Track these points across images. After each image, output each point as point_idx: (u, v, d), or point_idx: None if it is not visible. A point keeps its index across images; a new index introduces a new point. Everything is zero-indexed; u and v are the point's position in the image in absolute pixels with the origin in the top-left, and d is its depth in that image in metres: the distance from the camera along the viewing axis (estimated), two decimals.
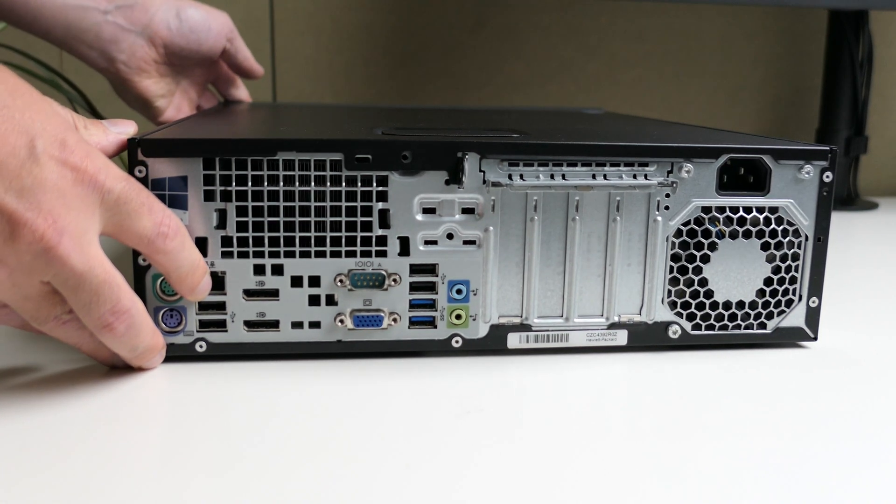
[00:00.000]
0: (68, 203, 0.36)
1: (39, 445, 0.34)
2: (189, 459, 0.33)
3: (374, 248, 0.44)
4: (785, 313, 0.47)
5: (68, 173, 0.36)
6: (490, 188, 0.44)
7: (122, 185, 0.38)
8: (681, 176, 0.45)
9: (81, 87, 1.01)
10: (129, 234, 0.39)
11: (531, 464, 0.33)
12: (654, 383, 0.43)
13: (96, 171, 0.37)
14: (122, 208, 0.38)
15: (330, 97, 1.08)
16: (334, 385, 0.41)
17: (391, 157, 0.43)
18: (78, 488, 0.31)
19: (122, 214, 0.38)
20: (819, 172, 0.46)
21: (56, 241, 0.35)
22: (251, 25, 1.05)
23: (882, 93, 1.13)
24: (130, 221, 0.38)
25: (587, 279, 0.46)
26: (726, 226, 0.46)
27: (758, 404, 0.40)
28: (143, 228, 0.39)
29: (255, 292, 0.44)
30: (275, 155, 0.42)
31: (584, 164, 0.44)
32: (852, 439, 0.36)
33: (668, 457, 0.34)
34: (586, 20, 1.09)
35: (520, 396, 0.40)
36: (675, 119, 1.11)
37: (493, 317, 0.45)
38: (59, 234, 0.35)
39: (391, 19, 1.07)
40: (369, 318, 0.44)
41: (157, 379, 0.42)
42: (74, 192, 0.36)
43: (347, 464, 0.33)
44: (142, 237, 0.39)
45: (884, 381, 0.43)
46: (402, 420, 0.37)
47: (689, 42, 1.11)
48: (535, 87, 1.10)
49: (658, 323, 0.46)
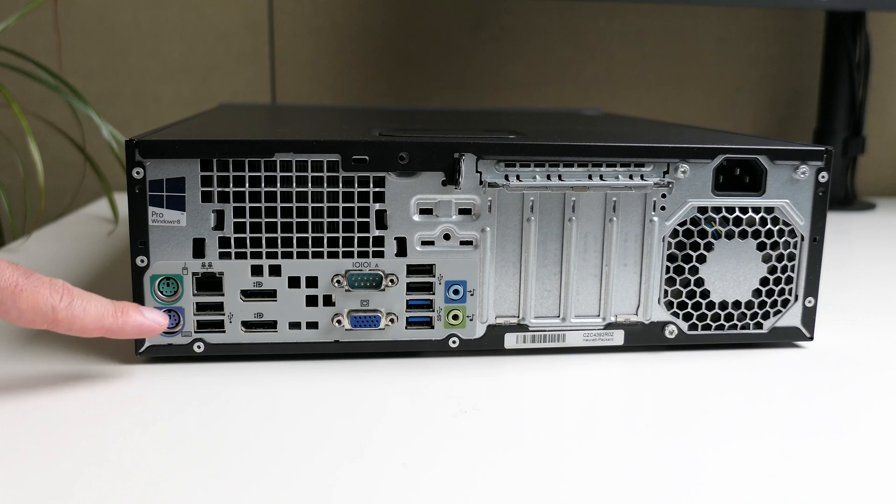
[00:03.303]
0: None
1: (37, 445, 0.34)
2: (187, 460, 0.33)
3: (372, 249, 0.44)
4: (781, 313, 0.47)
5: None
6: (487, 189, 0.44)
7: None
8: (677, 176, 0.45)
9: (81, 89, 1.01)
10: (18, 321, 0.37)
11: (528, 463, 0.34)
12: (650, 383, 0.43)
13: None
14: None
15: (329, 99, 1.08)
16: (332, 385, 0.42)
17: (388, 158, 0.43)
18: (76, 488, 0.31)
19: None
20: (815, 173, 0.46)
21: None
22: (250, 27, 1.05)
23: (880, 93, 1.13)
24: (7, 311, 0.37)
25: (584, 279, 0.46)
26: (722, 226, 0.46)
27: (754, 404, 0.40)
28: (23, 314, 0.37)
29: (252, 293, 0.44)
30: (272, 156, 0.42)
31: (580, 165, 0.45)
32: (849, 439, 0.36)
33: (665, 457, 0.34)
34: (584, 22, 1.09)
35: (517, 396, 0.41)
36: (673, 120, 1.11)
37: (490, 317, 0.45)
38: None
39: (390, 21, 1.07)
40: (366, 318, 0.44)
41: (154, 379, 0.42)
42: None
43: (345, 463, 0.33)
44: (31, 320, 0.37)
45: (880, 381, 0.44)
46: (399, 420, 0.38)
47: (687, 43, 1.11)
48: (534, 88, 1.11)
49: (654, 323, 0.47)
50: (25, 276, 0.37)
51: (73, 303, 0.38)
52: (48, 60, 1.01)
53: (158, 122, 1.06)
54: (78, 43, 1.04)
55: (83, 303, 0.38)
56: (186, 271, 0.43)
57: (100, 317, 0.39)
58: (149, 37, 1.04)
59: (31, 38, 1.02)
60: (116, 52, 1.04)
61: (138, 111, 1.06)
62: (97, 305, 0.39)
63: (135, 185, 0.42)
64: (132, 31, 1.04)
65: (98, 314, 0.39)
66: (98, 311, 0.39)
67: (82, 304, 0.38)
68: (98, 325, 0.39)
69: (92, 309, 0.38)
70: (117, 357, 0.44)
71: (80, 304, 0.38)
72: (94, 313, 0.38)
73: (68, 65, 1.04)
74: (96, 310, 0.39)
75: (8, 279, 0.36)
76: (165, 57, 1.05)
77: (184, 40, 1.05)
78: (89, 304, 0.38)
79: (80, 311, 0.38)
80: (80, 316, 0.38)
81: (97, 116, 0.80)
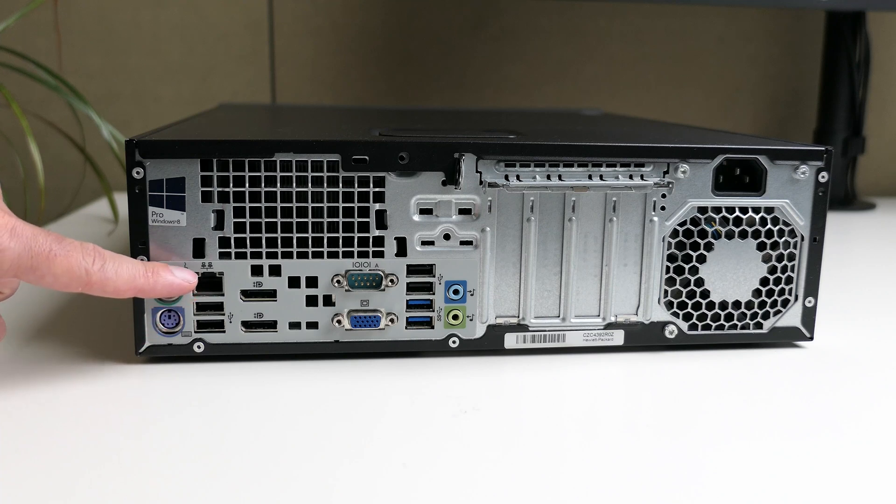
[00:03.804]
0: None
1: (37, 445, 0.34)
2: (187, 460, 0.33)
3: (372, 249, 0.44)
4: (781, 313, 0.47)
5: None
6: (487, 189, 0.44)
7: (15, 243, 0.37)
8: (677, 176, 0.45)
9: (81, 89, 1.01)
10: (52, 285, 0.38)
11: (527, 463, 0.34)
12: (650, 383, 0.43)
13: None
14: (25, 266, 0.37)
15: (329, 99, 1.08)
16: (332, 385, 0.41)
17: (388, 158, 0.43)
18: (76, 488, 0.31)
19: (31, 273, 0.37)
20: (815, 173, 0.46)
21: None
22: (250, 27, 1.05)
23: (880, 93, 1.13)
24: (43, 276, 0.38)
25: (584, 279, 0.46)
26: (722, 226, 0.46)
27: (754, 404, 0.40)
28: (58, 278, 0.38)
29: (252, 293, 0.44)
30: (272, 156, 0.42)
31: (580, 165, 0.45)
32: (849, 439, 0.36)
33: (665, 457, 0.34)
34: (584, 22, 1.09)
35: (516, 396, 0.41)
36: (673, 120, 1.11)
37: (490, 317, 0.45)
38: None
39: (390, 21, 1.07)
40: (366, 318, 0.44)
41: (155, 379, 0.42)
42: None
43: (345, 463, 0.33)
44: (67, 284, 0.38)
45: (880, 381, 0.44)
46: (399, 420, 0.38)
47: (687, 43, 1.11)
48: (534, 88, 1.11)
49: (654, 323, 0.47)
50: (58, 242, 0.38)
51: (105, 265, 0.39)
52: (48, 60, 1.01)
53: (158, 122, 1.05)
54: (78, 43, 1.04)
55: (115, 265, 0.39)
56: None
57: (132, 278, 0.40)
58: (149, 37, 1.04)
59: (31, 38, 1.02)
60: (116, 52, 1.04)
61: (138, 111, 1.06)
62: (129, 267, 0.40)
63: (135, 185, 0.42)
64: (132, 31, 1.04)
65: (130, 275, 0.40)
66: (130, 273, 0.40)
67: (114, 266, 0.39)
68: (130, 286, 0.40)
69: (124, 271, 0.39)
70: (117, 357, 0.44)
71: (112, 266, 0.39)
72: (126, 275, 0.39)
73: (68, 65, 1.04)
74: (128, 271, 0.40)
75: (41, 245, 0.37)
76: (165, 57, 1.05)
77: (184, 40, 1.05)
78: (121, 265, 0.39)
79: (113, 274, 0.39)
80: (112, 278, 0.39)
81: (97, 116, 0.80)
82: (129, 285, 0.40)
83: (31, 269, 0.37)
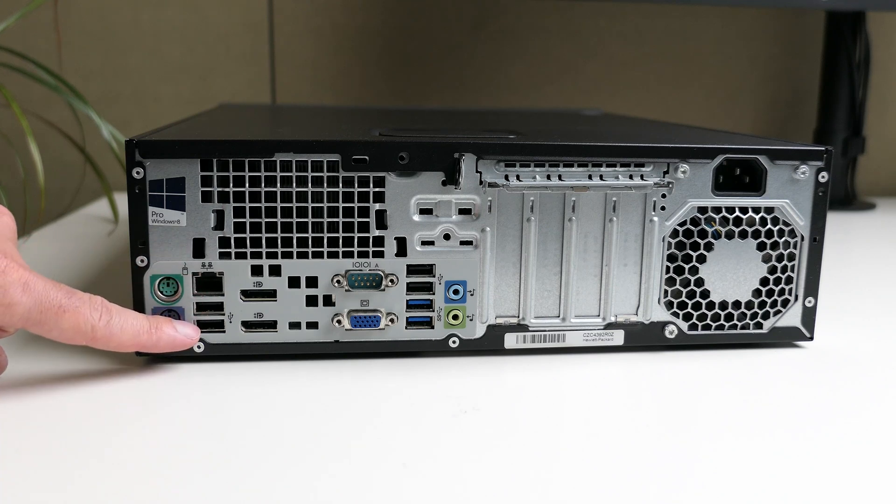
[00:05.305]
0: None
1: (37, 445, 0.34)
2: (186, 459, 0.33)
3: (372, 249, 0.44)
4: (781, 313, 0.47)
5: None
6: (487, 189, 0.44)
7: (27, 298, 0.37)
8: (677, 176, 0.45)
9: (81, 89, 1.01)
10: (59, 337, 0.38)
11: (527, 463, 0.34)
12: (650, 383, 0.43)
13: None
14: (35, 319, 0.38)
15: (329, 99, 1.08)
16: (331, 385, 0.42)
17: (388, 158, 0.43)
18: (76, 488, 0.31)
19: (39, 325, 0.38)
20: (815, 173, 0.46)
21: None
22: (250, 27, 1.05)
23: (880, 94, 1.13)
24: (50, 328, 0.38)
25: (584, 279, 0.46)
26: (722, 226, 0.46)
27: (754, 404, 0.40)
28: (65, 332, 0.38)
29: (252, 293, 0.44)
30: (272, 156, 0.42)
31: (580, 165, 0.45)
32: (848, 438, 0.36)
33: (665, 457, 0.34)
34: (585, 22, 1.09)
35: (516, 396, 0.41)
36: (673, 120, 1.11)
37: (490, 317, 0.45)
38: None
39: (390, 21, 1.07)
40: (366, 318, 0.44)
41: (154, 379, 0.42)
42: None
43: (345, 463, 0.33)
44: (72, 338, 0.39)
45: (880, 381, 0.44)
46: (399, 420, 0.38)
47: (688, 43, 1.11)
48: (534, 88, 1.11)
49: (654, 323, 0.47)
50: (68, 297, 0.38)
51: (111, 321, 0.39)
52: (48, 60, 1.01)
53: (158, 122, 1.06)
54: (78, 43, 1.04)
55: (120, 320, 0.40)
56: (186, 271, 0.43)
57: (136, 334, 0.40)
58: (149, 37, 1.04)
59: (31, 38, 1.02)
60: (116, 52, 1.04)
61: (138, 111, 1.06)
62: (133, 322, 0.40)
63: (135, 185, 0.42)
64: (132, 31, 1.04)
65: (134, 331, 0.40)
66: (134, 329, 0.40)
67: (120, 321, 0.40)
68: (134, 342, 0.40)
69: (129, 326, 0.40)
70: (117, 357, 0.44)
71: (117, 321, 0.40)
72: (131, 331, 0.40)
73: (68, 65, 1.04)
74: (132, 327, 0.40)
75: (52, 300, 0.38)
76: (165, 57, 1.05)
77: (184, 40, 1.05)
78: (126, 321, 0.40)
79: (118, 330, 0.40)
80: (117, 334, 0.39)
81: (97, 116, 0.80)
82: (133, 341, 0.40)
83: (39, 322, 0.38)
